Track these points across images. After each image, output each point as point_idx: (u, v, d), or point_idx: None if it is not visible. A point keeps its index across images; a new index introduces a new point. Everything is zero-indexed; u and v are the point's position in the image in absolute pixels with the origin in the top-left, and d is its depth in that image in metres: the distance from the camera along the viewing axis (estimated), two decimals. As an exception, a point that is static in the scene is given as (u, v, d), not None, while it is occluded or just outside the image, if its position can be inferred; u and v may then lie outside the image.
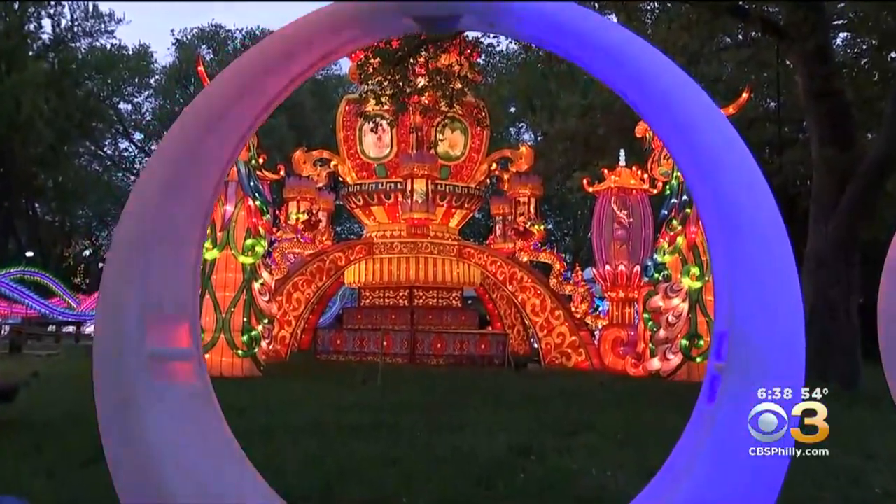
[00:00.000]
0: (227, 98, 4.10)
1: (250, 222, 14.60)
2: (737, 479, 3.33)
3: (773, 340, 3.46)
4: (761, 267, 3.62)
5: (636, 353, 17.25)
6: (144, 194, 3.92)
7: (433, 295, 21.45)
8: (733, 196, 3.78)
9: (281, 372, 15.31)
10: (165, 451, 3.62)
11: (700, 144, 3.94)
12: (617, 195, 18.97)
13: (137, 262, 3.79)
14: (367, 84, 16.02)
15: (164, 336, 3.84)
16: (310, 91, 40.65)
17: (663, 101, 3.98)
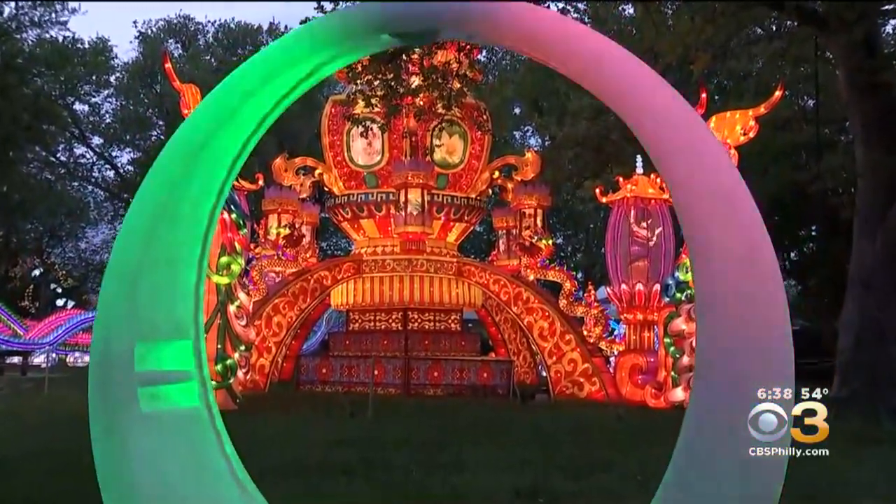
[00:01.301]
0: (215, 120, 4.43)
1: (225, 237, 14.56)
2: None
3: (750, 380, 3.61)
4: (729, 300, 3.72)
5: (657, 382, 17.19)
6: (137, 217, 4.25)
7: (429, 318, 21.43)
8: (698, 218, 3.89)
9: (259, 405, 15.22)
10: (153, 480, 3.89)
11: (677, 161, 4.02)
12: (634, 206, 18.98)
13: (128, 286, 4.11)
14: (356, 84, 16.07)
15: (158, 358, 4.12)
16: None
17: (645, 114, 4.09)
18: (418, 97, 16.80)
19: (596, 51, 4.09)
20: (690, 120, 4.03)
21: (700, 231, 3.84)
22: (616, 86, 4.07)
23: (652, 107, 3.97)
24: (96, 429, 3.95)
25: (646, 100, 4.00)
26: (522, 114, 40.93)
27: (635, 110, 4.05)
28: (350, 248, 27.41)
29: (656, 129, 3.97)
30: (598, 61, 4.06)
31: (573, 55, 4.12)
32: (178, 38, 44.59)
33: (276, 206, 22.15)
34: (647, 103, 3.99)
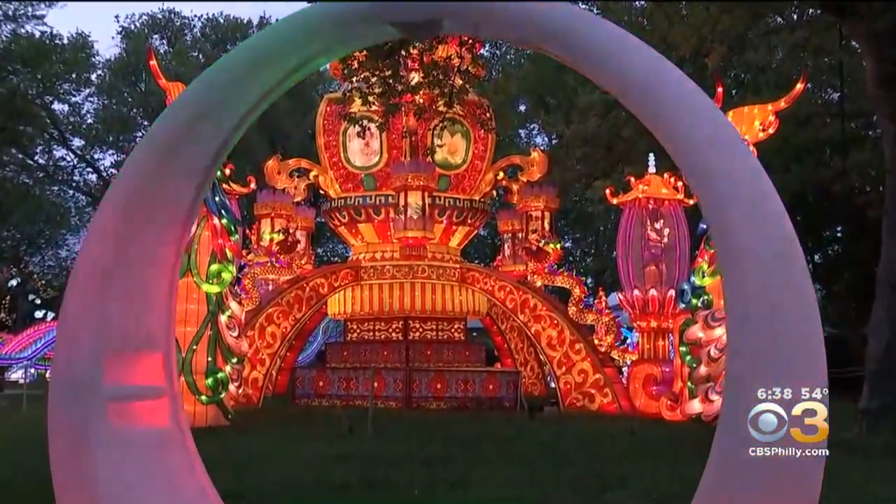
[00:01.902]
0: (196, 114, 4.30)
1: (215, 244, 14.54)
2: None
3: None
4: (769, 300, 3.71)
5: (672, 393, 17.14)
6: (106, 219, 4.09)
7: (431, 327, 21.40)
8: (727, 222, 3.87)
9: (253, 421, 15.21)
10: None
11: (698, 156, 4.01)
12: (646, 207, 18.96)
13: (96, 293, 3.92)
14: (352, 81, 16.12)
15: (130, 373, 3.98)
16: (285, 90, 40.78)
17: (660, 110, 4.07)
18: (418, 94, 16.82)
19: (613, 41, 4.02)
20: (715, 115, 4.00)
21: (730, 232, 3.79)
22: (635, 80, 4.00)
23: (675, 101, 3.92)
24: (57, 449, 3.78)
25: (668, 94, 3.94)
26: (528, 111, 40.92)
27: (656, 105, 3.98)
28: (347, 255, 27.39)
29: (680, 125, 3.91)
30: (614, 53, 3.99)
31: (585, 51, 4.05)
32: (164, 33, 44.53)
33: (269, 210, 22.16)
34: (669, 97, 3.93)
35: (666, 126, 4.01)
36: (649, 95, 4.00)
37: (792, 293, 3.70)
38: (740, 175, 3.83)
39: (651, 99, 4.00)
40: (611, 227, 34.67)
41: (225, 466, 9.20)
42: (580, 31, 4.06)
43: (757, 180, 3.88)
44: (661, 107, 3.98)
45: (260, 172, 22.48)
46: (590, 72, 4.30)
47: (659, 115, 4.01)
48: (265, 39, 4.35)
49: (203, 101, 4.28)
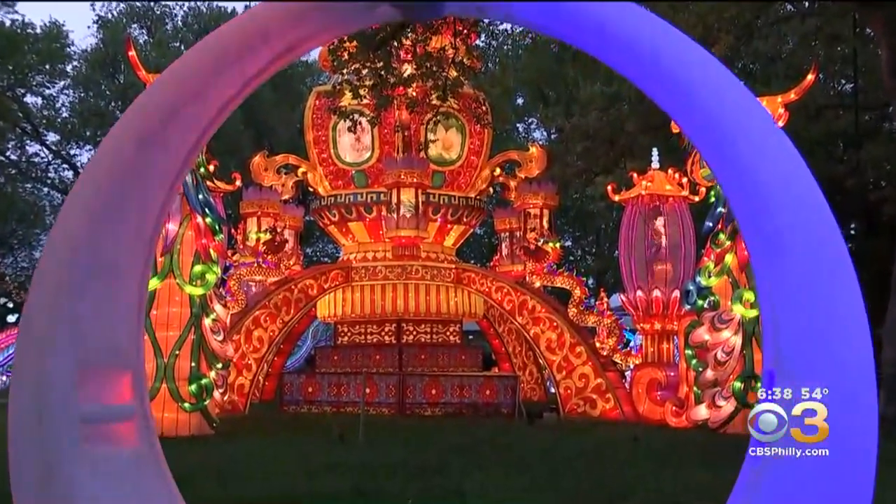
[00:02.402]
0: (170, 105, 4.16)
1: (199, 244, 14.51)
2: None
3: (834, 388, 3.67)
4: (814, 295, 3.72)
5: (677, 398, 17.13)
6: (72, 220, 3.89)
7: (426, 330, 21.38)
8: (777, 210, 3.84)
9: (238, 429, 15.18)
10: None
11: (734, 147, 3.98)
12: (650, 204, 18.95)
13: (65, 303, 3.71)
14: (342, 73, 16.05)
15: (99, 391, 3.79)
16: (271, 82, 40.70)
17: (689, 96, 4.04)
18: (411, 87, 16.76)
19: (631, 26, 3.96)
20: (742, 92, 3.96)
21: (768, 223, 3.78)
22: (657, 63, 3.92)
23: (705, 84, 3.85)
24: (24, 476, 3.55)
25: (692, 78, 3.88)
26: (526, 104, 40.97)
27: (680, 89, 3.91)
28: (338, 255, 27.36)
29: (709, 110, 3.86)
30: (633, 38, 3.92)
31: (604, 34, 3.97)
32: (143, 22, 44.23)
33: (255, 208, 22.11)
34: (691, 81, 3.86)
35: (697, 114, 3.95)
36: (679, 81, 3.93)
37: (839, 286, 3.73)
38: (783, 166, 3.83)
39: (681, 85, 3.93)
40: (612, 226, 34.80)
41: (209, 476, 9.18)
42: (604, 14, 3.97)
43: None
44: (694, 96, 3.92)
45: (246, 169, 22.44)
46: (613, 60, 4.20)
47: (692, 104, 3.95)
48: (251, 21, 4.19)
49: (183, 88, 4.16)
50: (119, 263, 3.93)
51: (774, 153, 3.92)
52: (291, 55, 4.32)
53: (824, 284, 3.71)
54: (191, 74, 4.19)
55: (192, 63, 4.23)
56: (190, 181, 14.50)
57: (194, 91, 4.16)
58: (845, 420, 3.65)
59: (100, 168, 4.04)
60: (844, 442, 3.67)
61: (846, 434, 3.67)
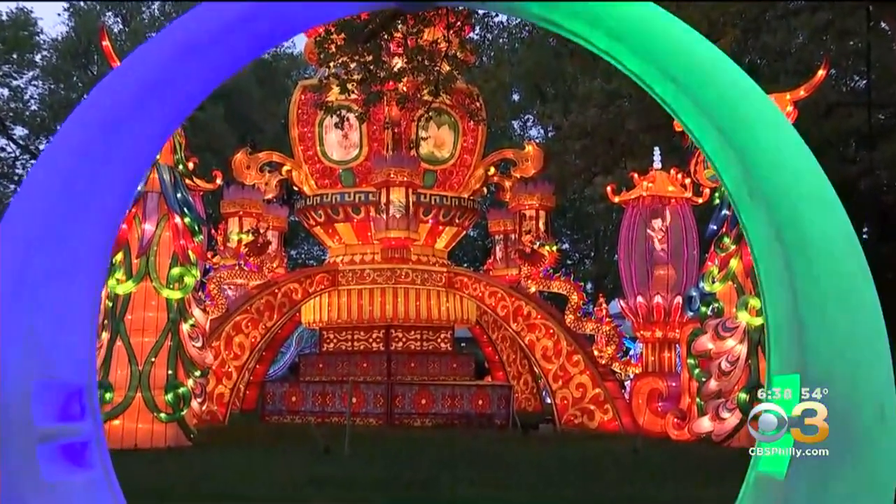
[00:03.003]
0: (138, 90, 4.07)
1: (177, 245, 14.49)
2: None
3: (858, 392, 3.72)
4: (835, 302, 3.80)
5: (679, 410, 17.13)
6: (27, 214, 3.76)
7: (416, 336, 21.37)
8: (794, 213, 3.95)
9: (218, 440, 15.15)
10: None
11: (745, 151, 4.05)
12: (651, 206, 18.97)
13: (19, 313, 3.56)
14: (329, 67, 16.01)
15: (54, 408, 3.63)
16: (255, 75, 40.65)
17: (699, 98, 4.07)
18: (401, 82, 16.74)
19: (642, 23, 3.96)
20: (749, 85, 3.98)
21: (797, 228, 3.86)
22: (674, 62, 3.92)
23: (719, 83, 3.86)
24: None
25: (703, 77, 3.88)
26: (522, 100, 40.96)
27: (691, 90, 3.92)
28: (323, 257, 27.32)
29: (718, 108, 3.87)
30: (645, 37, 3.92)
31: (619, 34, 3.99)
32: (117, 10, 43.85)
33: (237, 208, 22.05)
34: (701, 80, 3.87)
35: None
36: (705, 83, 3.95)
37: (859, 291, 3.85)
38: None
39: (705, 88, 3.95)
40: (612, 228, 34.80)
41: (186, 491, 9.13)
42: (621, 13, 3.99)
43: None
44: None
45: (227, 166, 22.38)
46: (624, 60, 4.22)
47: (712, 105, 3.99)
48: (230, 6, 4.09)
49: (155, 73, 4.05)
50: (76, 266, 3.80)
51: (788, 151, 3.97)
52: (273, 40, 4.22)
53: (849, 288, 3.81)
54: (170, 56, 4.10)
55: (171, 43, 4.15)
56: (168, 179, 14.47)
57: (160, 80, 4.07)
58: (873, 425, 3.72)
59: (55, 162, 3.92)
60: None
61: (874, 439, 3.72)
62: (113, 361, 14.00)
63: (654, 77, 4.19)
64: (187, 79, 4.12)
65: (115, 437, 13.41)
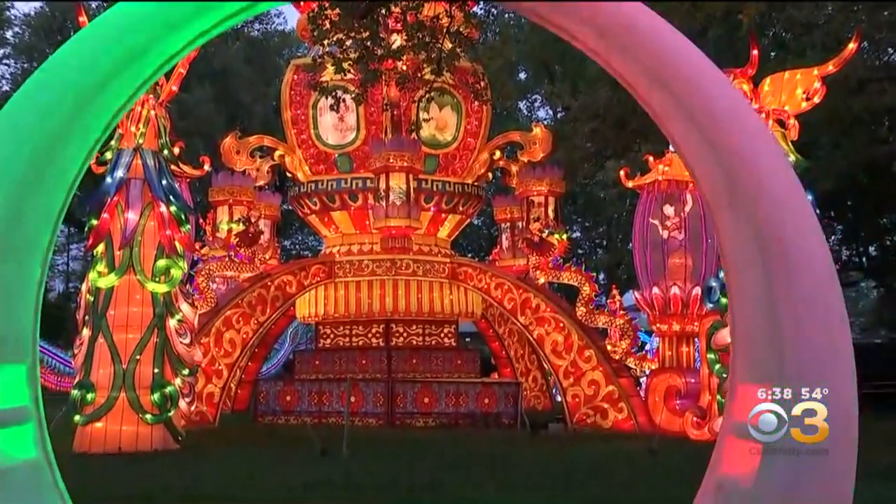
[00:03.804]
0: (116, 59, 4.10)
1: (163, 236, 14.48)
2: None
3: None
4: (810, 311, 4.05)
5: (699, 408, 17.09)
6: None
7: (417, 331, 21.44)
8: (773, 220, 4.10)
9: (207, 443, 15.17)
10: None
11: (727, 158, 4.23)
12: (667, 191, 18.91)
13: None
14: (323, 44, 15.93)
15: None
16: (244, 54, 40.64)
17: (684, 101, 4.26)
18: (401, 60, 16.67)
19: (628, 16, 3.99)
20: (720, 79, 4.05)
21: (777, 238, 4.03)
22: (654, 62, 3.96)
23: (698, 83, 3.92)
24: None
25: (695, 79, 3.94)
26: (529, 80, 40.92)
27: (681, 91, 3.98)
28: (319, 248, 27.31)
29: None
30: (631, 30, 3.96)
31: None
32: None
33: (226, 196, 22.01)
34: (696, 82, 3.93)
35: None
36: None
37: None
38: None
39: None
40: (626, 215, 34.77)
41: (174, 497, 9.13)
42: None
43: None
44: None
45: (216, 151, 22.38)
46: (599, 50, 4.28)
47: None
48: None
49: (126, 43, 4.08)
50: (28, 243, 3.81)
51: (768, 159, 4.10)
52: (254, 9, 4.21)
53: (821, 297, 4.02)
54: (130, 28, 4.10)
55: (142, 13, 4.13)
56: (152, 165, 14.46)
57: (142, 44, 4.10)
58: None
59: (25, 126, 3.90)
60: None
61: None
62: (95, 360, 14.00)
63: (641, 80, 4.31)
64: (161, 48, 4.18)
65: (98, 440, 13.44)
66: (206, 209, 23.04)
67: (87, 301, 14.12)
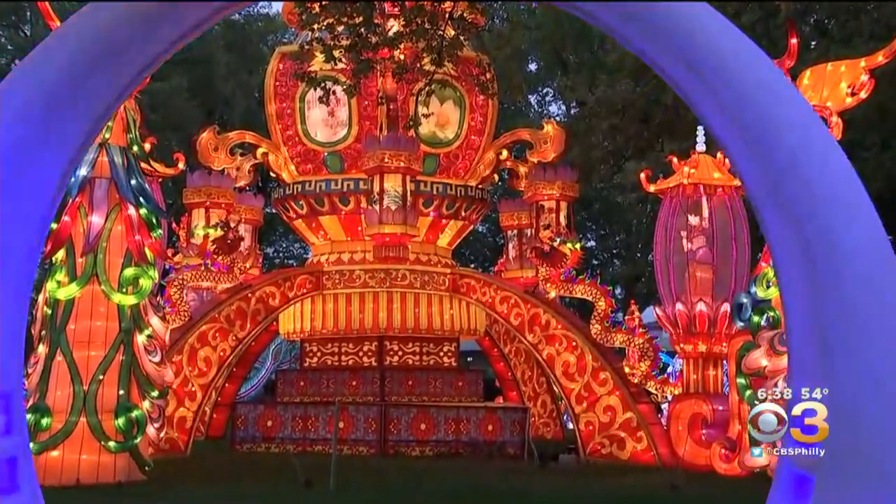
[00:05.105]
0: (82, 58, 4.10)
1: (131, 241, 14.41)
2: None
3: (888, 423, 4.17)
4: (867, 319, 4.13)
5: (727, 439, 17.04)
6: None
7: (414, 349, 21.45)
8: (818, 217, 4.18)
9: (178, 473, 15.12)
10: None
11: (765, 147, 4.31)
12: (693, 196, 18.88)
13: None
14: (313, 30, 15.94)
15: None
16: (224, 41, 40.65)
17: (716, 88, 4.35)
18: (398, 49, 16.67)
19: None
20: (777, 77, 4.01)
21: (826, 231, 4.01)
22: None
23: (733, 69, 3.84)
24: None
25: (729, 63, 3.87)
26: (540, 71, 40.99)
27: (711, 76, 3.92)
28: (306, 256, 27.27)
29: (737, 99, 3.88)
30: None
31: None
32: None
33: (202, 197, 22.08)
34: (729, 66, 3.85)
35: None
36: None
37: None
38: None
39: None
40: (646, 222, 34.73)
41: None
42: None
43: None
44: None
45: (192, 148, 22.40)
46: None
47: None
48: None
49: (112, 35, 4.10)
50: (9, 242, 3.84)
51: (814, 150, 4.05)
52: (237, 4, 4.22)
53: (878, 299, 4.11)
54: (112, 24, 4.10)
55: (113, 11, 4.14)
56: (120, 163, 14.41)
57: (115, 45, 4.09)
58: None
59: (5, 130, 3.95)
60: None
61: None
62: (52, 380, 13.86)
63: (667, 60, 4.34)
64: (144, 45, 4.20)
65: (53, 471, 13.27)
66: (179, 212, 23.04)
67: (43, 314, 14.01)
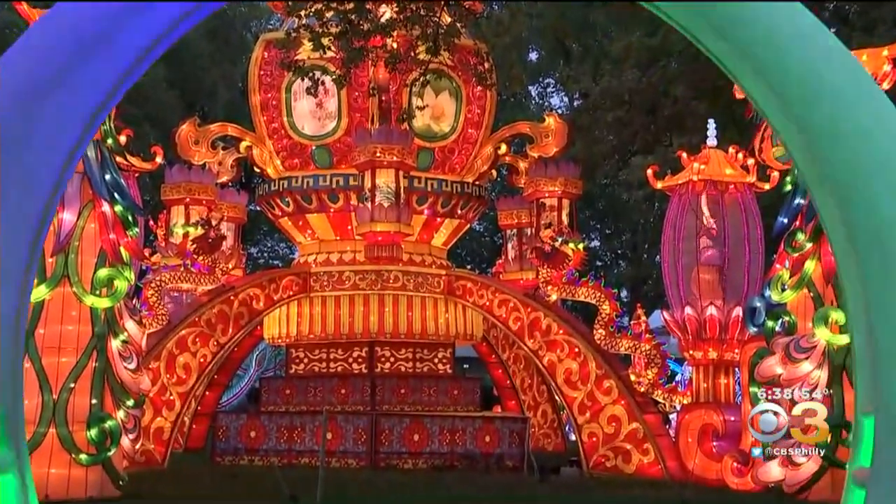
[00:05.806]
0: (65, 55, 4.11)
1: (105, 240, 14.35)
2: None
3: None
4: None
5: (740, 451, 17.01)
6: None
7: (407, 356, 21.45)
8: (868, 203, 3.97)
9: (155, 488, 15.11)
10: None
11: (808, 126, 4.11)
12: (704, 193, 18.86)
13: None
14: (300, 17, 15.90)
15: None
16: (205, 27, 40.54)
17: (758, 60, 4.20)
18: (391, 37, 16.64)
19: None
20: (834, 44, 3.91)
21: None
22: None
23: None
24: None
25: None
26: (542, 60, 41.02)
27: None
28: (292, 256, 27.21)
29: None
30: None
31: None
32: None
33: (182, 193, 21.94)
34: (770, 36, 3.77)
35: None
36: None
37: None
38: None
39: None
40: (653, 221, 34.74)
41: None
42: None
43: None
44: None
45: (171, 141, 22.33)
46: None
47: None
48: None
49: (84, 30, 4.08)
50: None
51: (864, 127, 3.90)
52: None
53: None
54: (98, 14, 4.14)
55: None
56: (93, 156, 14.33)
57: (101, 35, 4.11)
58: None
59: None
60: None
61: None
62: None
63: (706, 33, 4.22)
64: (136, 34, 4.30)
65: (22, 485, 13.23)
66: (157, 209, 22.97)
67: (12, 318, 13.94)
